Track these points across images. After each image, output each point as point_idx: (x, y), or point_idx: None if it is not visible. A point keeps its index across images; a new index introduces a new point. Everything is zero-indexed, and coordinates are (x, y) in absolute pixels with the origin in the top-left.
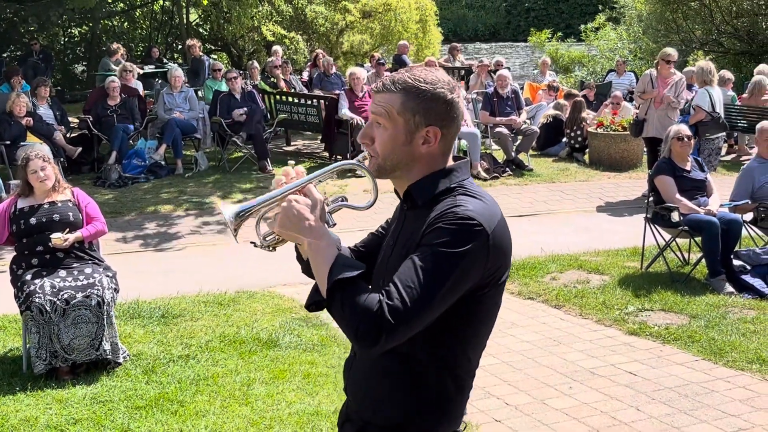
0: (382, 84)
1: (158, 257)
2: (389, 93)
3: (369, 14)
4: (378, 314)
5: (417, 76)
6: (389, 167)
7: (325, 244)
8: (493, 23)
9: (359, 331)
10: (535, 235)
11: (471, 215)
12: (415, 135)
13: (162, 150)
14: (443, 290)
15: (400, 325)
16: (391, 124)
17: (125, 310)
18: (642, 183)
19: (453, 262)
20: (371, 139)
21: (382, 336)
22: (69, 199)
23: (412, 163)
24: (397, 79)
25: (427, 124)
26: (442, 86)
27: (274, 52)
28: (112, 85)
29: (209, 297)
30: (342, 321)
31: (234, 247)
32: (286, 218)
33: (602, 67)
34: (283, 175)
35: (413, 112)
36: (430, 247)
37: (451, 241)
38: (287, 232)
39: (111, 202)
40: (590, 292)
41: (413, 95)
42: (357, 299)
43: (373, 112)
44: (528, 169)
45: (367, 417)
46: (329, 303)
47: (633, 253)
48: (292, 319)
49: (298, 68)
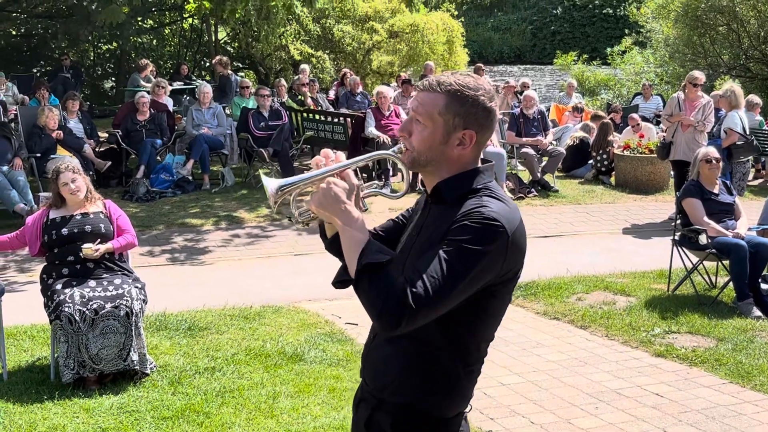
0: (428, 83)
1: (185, 271)
2: (434, 93)
3: (396, 35)
4: (402, 299)
5: (462, 81)
6: (422, 162)
7: (358, 228)
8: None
9: (383, 313)
10: (561, 255)
11: (495, 216)
12: (452, 136)
13: (189, 165)
14: (463, 283)
15: (421, 311)
16: (431, 123)
17: (152, 322)
18: (668, 206)
19: (475, 258)
20: (409, 133)
21: (404, 319)
22: (101, 211)
23: (445, 161)
24: (443, 81)
25: (464, 127)
26: (483, 94)
27: (302, 71)
28: (142, 100)
29: (235, 311)
30: (367, 302)
31: (260, 262)
32: (324, 198)
33: (628, 90)
34: (323, 155)
35: (454, 115)
36: (455, 243)
37: (475, 239)
38: (323, 212)
39: (139, 216)
40: (616, 313)
41: (457, 99)
42: (384, 283)
43: (415, 110)
44: (554, 190)
45: (382, 396)
46: (357, 283)
47: (659, 276)
48: (318, 334)
49: (324, 87)
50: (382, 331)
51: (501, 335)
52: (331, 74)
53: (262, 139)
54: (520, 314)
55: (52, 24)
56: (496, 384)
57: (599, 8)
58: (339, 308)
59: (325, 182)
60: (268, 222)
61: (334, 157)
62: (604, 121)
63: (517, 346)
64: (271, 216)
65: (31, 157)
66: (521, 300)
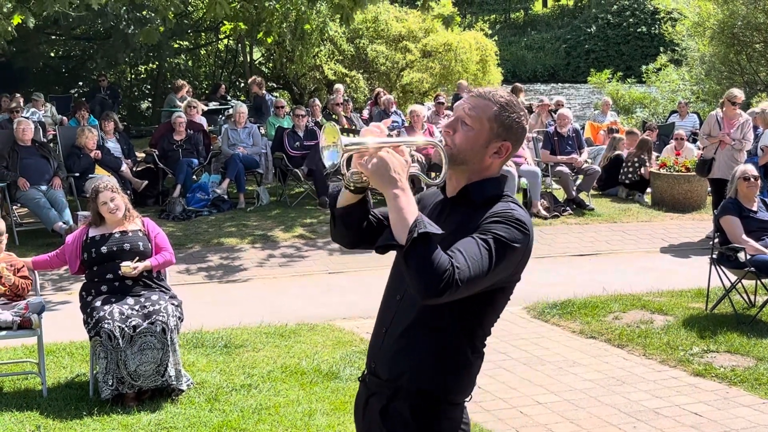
0: (483, 92)
1: (221, 289)
2: (488, 101)
3: (429, 54)
4: (450, 273)
5: (512, 99)
6: (459, 160)
7: (408, 199)
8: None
9: (431, 281)
10: (597, 274)
11: (524, 219)
12: (492, 144)
13: (225, 184)
14: (495, 270)
15: (461, 287)
16: (479, 126)
17: (189, 339)
18: (705, 224)
19: (507, 250)
20: (453, 130)
21: (447, 291)
22: (139, 229)
23: (478, 165)
24: (497, 93)
25: (504, 138)
26: (525, 115)
27: (336, 90)
28: (178, 120)
29: (271, 328)
30: (416, 269)
31: (295, 280)
32: (383, 167)
33: (664, 108)
34: (375, 126)
35: (500, 125)
36: (492, 233)
37: (509, 234)
38: (377, 178)
39: (175, 235)
40: (654, 332)
41: (507, 112)
42: (435, 255)
43: (466, 111)
44: (589, 208)
45: (399, 384)
46: (409, 250)
47: (697, 294)
48: (353, 351)
49: (358, 106)
50: (424, 300)
51: (537, 354)
52: (365, 94)
53: (297, 158)
54: (557, 333)
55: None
56: (533, 403)
57: (634, 26)
58: None
59: (385, 151)
60: (303, 241)
61: (386, 130)
62: (644, 138)
63: (553, 365)
64: (305, 235)
65: (70, 176)
66: (557, 319)
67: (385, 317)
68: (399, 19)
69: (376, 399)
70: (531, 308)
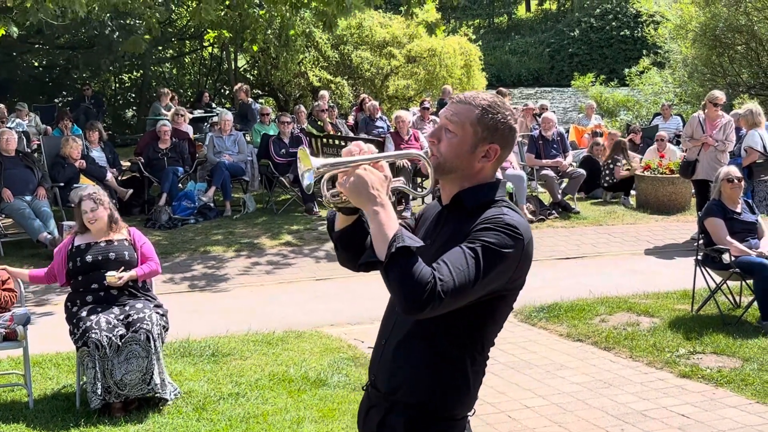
0: (464, 97)
1: (208, 297)
2: (469, 106)
3: (414, 60)
4: (431, 286)
5: (495, 100)
6: (447, 168)
7: (388, 214)
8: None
9: (411, 296)
10: (583, 277)
11: (515, 224)
12: (479, 148)
13: (211, 192)
14: (485, 280)
15: (445, 300)
16: (461, 132)
17: (176, 348)
18: (690, 226)
19: (497, 258)
20: (438, 139)
21: (430, 305)
22: (125, 238)
23: (468, 171)
24: (480, 97)
25: (491, 141)
26: (510, 114)
27: (321, 97)
28: (163, 128)
29: (258, 336)
30: (397, 284)
31: (281, 287)
32: (361, 184)
33: (647, 111)
34: (355, 146)
35: (484, 128)
36: (480, 241)
37: (498, 241)
38: (356, 196)
39: (161, 243)
40: (640, 334)
41: (488, 114)
42: (415, 268)
43: (448, 118)
44: (575, 211)
45: (395, 397)
46: (389, 265)
47: (683, 296)
48: (341, 358)
49: (343, 112)
50: (406, 314)
51: (524, 358)
52: (350, 100)
53: (283, 165)
54: (544, 336)
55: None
56: (520, 407)
57: (617, 30)
58: (361, 332)
59: (362, 168)
60: (290, 248)
61: (366, 148)
62: (617, 139)
63: (540, 369)
64: (292, 243)
65: (54, 186)
66: (544, 322)
67: (385, 329)
68: (383, 25)
69: (375, 411)
70: (518, 312)
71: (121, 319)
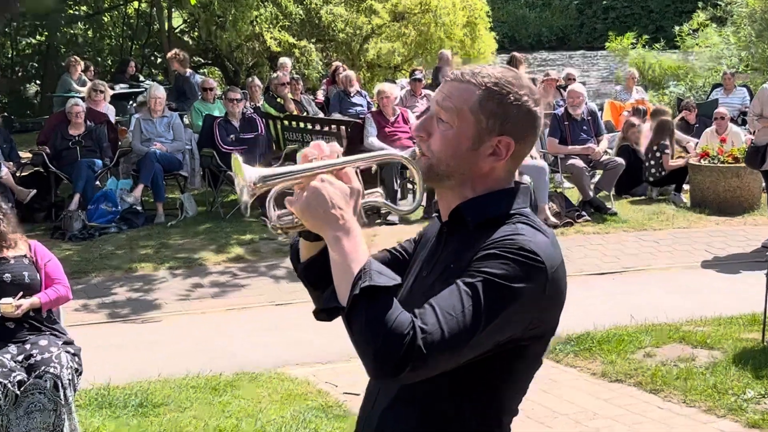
0: (461, 73)
1: (134, 330)
2: (467, 84)
3: (402, 16)
4: (409, 339)
5: (504, 75)
6: (442, 173)
7: (354, 242)
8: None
9: (381, 354)
10: (623, 297)
11: (534, 248)
12: (484, 142)
13: (138, 192)
14: (489, 327)
15: (431, 357)
16: (458, 122)
17: (92, 398)
18: (760, 231)
19: (505, 297)
20: (428, 133)
21: (408, 365)
22: (24, 255)
23: (471, 174)
24: (481, 72)
25: (501, 132)
26: (528, 93)
27: (281, 66)
28: (75, 109)
29: (200, 380)
30: (361, 337)
31: (231, 315)
32: (315, 201)
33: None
34: (314, 147)
35: (489, 114)
36: (482, 274)
37: (508, 274)
38: (310, 218)
39: (73, 260)
40: (697, 372)
41: (496, 95)
42: (386, 314)
43: (440, 103)
44: (611, 212)
45: None
46: (350, 312)
47: (751, 322)
48: (307, 408)
49: (311, 86)
50: (377, 379)
51: (548, 404)
52: (320, 69)
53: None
54: (572, 376)
55: None
56: None
57: None
58: (334, 374)
59: (318, 179)
60: (241, 265)
61: (328, 151)
62: (662, 119)
63: (568, 419)
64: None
65: None
66: (572, 358)
67: (373, 388)
68: None
69: None
70: None
71: (20, 360)
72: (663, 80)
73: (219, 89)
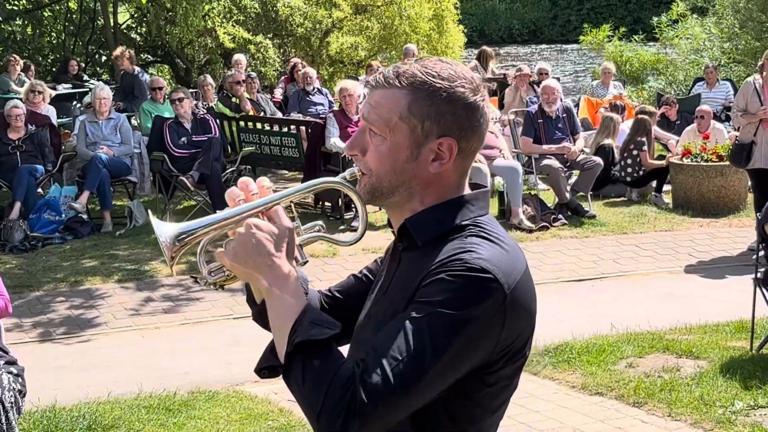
0: (383, 77)
1: (81, 347)
2: (392, 89)
3: (364, 9)
4: (350, 393)
5: (431, 68)
6: (385, 190)
7: (289, 290)
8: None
9: (323, 412)
10: (602, 305)
11: (484, 266)
12: (423, 148)
13: (84, 199)
14: (441, 365)
15: (378, 410)
16: (390, 133)
17: (36, 421)
18: (746, 232)
19: (456, 327)
20: (363, 151)
21: (353, 422)
22: None
23: (416, 186)
24: (404, 71)
25: (439, 134)
26: (462, 84)
27: (236, 63)
28: (14, 111)
29: (153, 400)
30: (301, 396)
31: (185, 330)
32: (243, 250)
33: (685, 75)
34: (240, 187)
35: (422, 118)
36: (427, 306)
37: (456, 299)
38: (241, 268)
39: (13, 273)
40: (682, 383)
41: (424, 94)
42: (323, 369)
43: (365, 117)
44: (589, 215)
45: None
46: (287, 370)
47: (738, 329)
48: (268, 428)
49: (268, 84)
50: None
51: (523, 420)
52: (277, 66)
53: (184, 159)
54: (550, 390)
55: None
56: None
57: None
58: None
59: (245, 225)
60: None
61: (255, 188)
62: (640, 117)
63: None
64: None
65: None
66: (550, 370)
67: None
68: None
69: None
70: None
71: None
72: (642, 74)
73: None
